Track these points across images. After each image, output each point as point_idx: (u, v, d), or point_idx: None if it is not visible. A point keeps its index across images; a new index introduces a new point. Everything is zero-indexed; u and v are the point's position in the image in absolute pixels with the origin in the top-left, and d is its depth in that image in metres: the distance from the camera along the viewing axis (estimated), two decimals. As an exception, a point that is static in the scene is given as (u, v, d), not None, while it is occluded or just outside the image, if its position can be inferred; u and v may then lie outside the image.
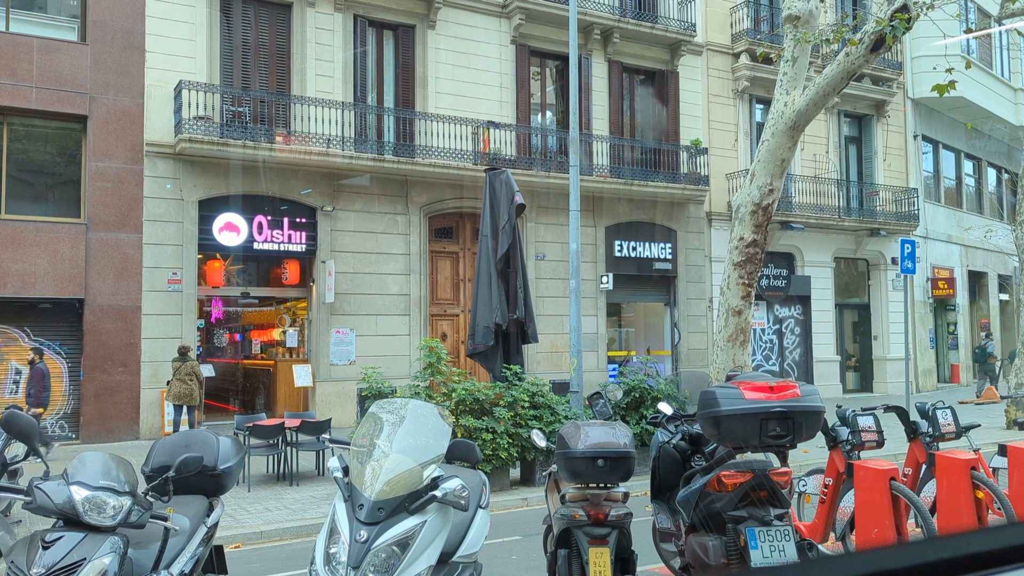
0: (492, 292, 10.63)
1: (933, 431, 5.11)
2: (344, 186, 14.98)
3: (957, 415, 5.18)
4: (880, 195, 21.93)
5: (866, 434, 5.05)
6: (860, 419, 5.10)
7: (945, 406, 5.19)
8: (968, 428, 5.90)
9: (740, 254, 10.81)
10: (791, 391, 3.63)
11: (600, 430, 3.83)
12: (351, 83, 15.28)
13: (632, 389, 9.94)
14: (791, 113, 10.30)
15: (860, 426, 4.90)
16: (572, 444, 3.77)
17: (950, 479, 4.67)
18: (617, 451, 3.71)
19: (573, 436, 3.81)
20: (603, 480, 3.75)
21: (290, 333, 15.08)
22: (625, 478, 3.81)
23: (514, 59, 17.07)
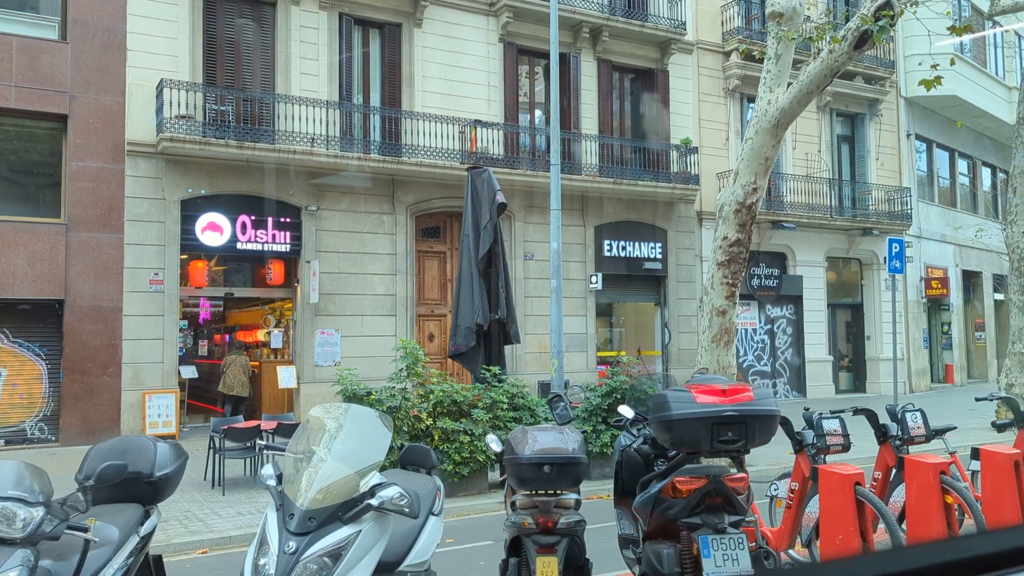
0: (473, 292, 10.52)
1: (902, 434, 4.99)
2: (329, 186, 14.86)
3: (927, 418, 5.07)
4: (873, 194, 21.82)
5: (831, 438, 4.88)
6: (825, 422, 4.96)
7: (915, 408, 5.08)
8: (943, 431, 5.78)
9: (724, 253, 10.70)
10: (744, 394, 3.51)
11: (548, 435, 3.71)
12: (336, 82, 15.16)
13: (614, 390, 9.82)
14: (775, 111, 10.19)
15: (825, 429, 4.77)
16: (519, 450, 3.65)
17: (919, 484, 4.56)
18: (565, 457, 3.58)
19: (520, 441, 3.69)
20: (550, 487, 3.63)
21: (275, 334, 14.96)
22: (574, 484, 3.69)
23: (502, 58, 16.95)
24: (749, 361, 20.08)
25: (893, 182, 22.65)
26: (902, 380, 22.28)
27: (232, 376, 13.80)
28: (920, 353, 23.11)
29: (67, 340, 12.53)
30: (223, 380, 13.91)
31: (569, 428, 3.98)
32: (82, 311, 12.65)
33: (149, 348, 13.07)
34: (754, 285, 19.99)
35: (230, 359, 14.01)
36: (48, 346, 12.59)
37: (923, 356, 23.36)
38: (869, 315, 22.30)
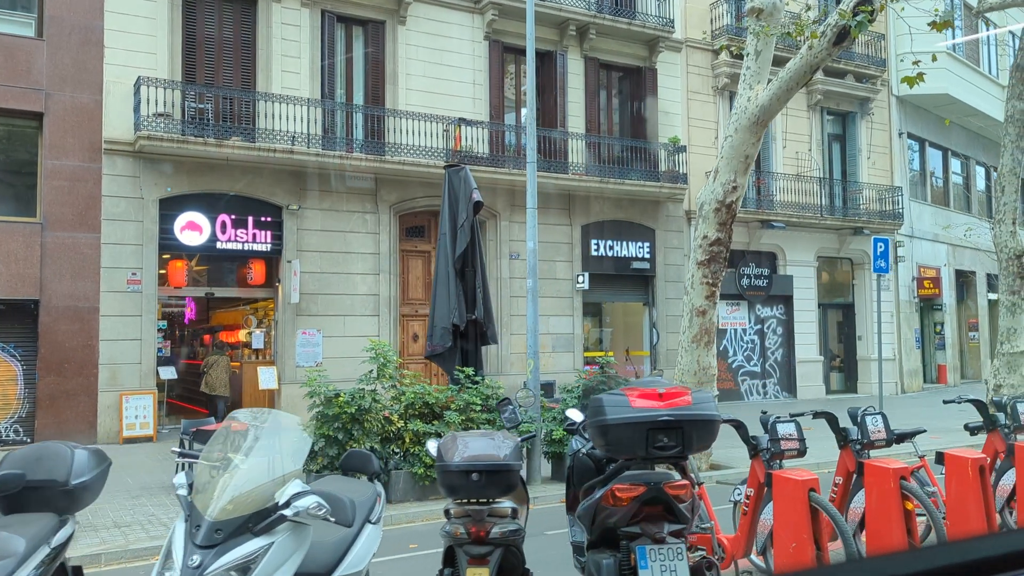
0: (450, 292, 10.38)
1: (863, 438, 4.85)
2: (311, 184, 14.71)
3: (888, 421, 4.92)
4: (864, 193, 21.68)
5: (786, 442, 4.71)
6: (780, 426, 4.79)
7: (876, 412, 4.93)
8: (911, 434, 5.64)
9: (704, 253, 10.56)
10: (682, 398, 3.37)
11: (479, 441, 3.56)
12: (319, 80, 15.02)
13: (589, 391, 9.67)
14: (754, 108, 10.04)
15: (780, 433, 4.62)
16: (448, 457, 3.50)
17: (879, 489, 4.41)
18: (494, 464, 3.43)
19: (450, 448, 3.54)
20: (479, 495, 3.48)
21: (256, 334, 14.81)
22: (505, 492, 3.54)
23: (487, 55, 16.80)
24: (739, 362, 19.94)
25: (885, 181, 22.51)
26: (894, 381, 22.15)
27: (215, 376, 13.68)
28: (912, 353, 22.97)
29: (43, 341, 12.39)
30: (205, 380, 13.79)
31: (504, 434, 3.83)
32: (58, 311, 12.50)
33: (126, 349, 12.93)
34: (744, 285, 19.85)
35: (212, 359, 13.90)
36: (23, 347, 12.44)
37: (915, 356, 23.21)
38: (861, 315, 22.15)
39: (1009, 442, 5.46)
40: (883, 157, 22.69)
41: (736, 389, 19.78)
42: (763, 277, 20.11)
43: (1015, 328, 13.91)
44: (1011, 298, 13.96)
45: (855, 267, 22.25)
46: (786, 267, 20.56)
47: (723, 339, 19.74)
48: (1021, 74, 13.86)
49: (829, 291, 22.20)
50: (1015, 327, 13.92)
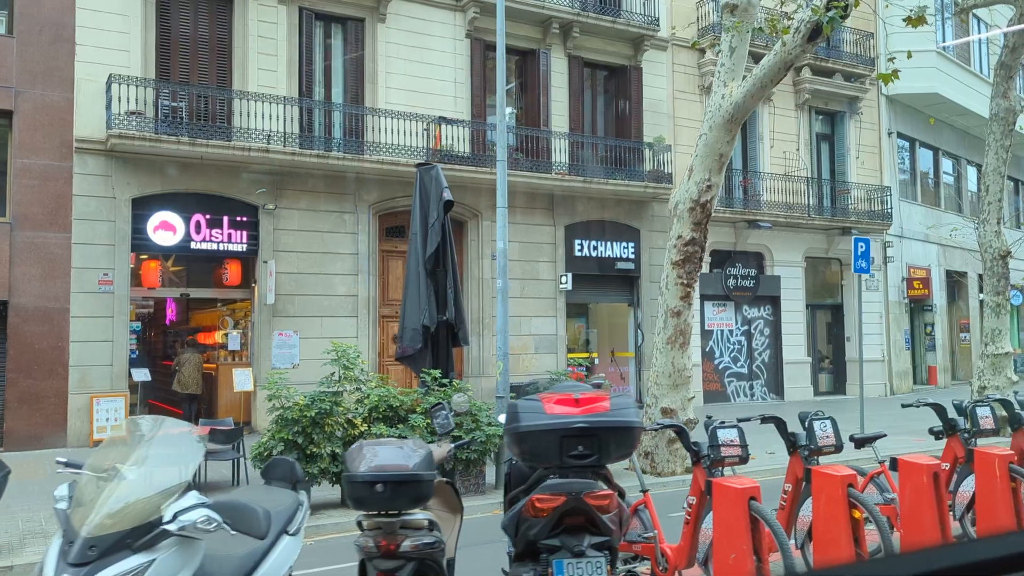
0: (420, 293, 10.21)
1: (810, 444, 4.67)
2: (288, 184, 14.53)
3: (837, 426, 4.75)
4: (852, 193, 21.51)
5: (727, 448, 4.50)
6: (721, 432, 4.59)
7: (824, 416, 4.75)
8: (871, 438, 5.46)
9: (679, 253, 10.40)
10: (599, 404, 3.19)
11: (387, 450, 3.37)
12: (296, 78, 14.84)
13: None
14: (728, 105, 9.88)
15: (720, 439, 4.44)
16: (353, 467, 3.31)
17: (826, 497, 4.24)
18: (400, 475, 3.25)
19: (356, 457, 3.35)
20: (385, 507, 3.29)
21: (232, 336, 14.63)
22: (415, 504, 3.35)
23: (468, 54, 16.63)
24: (725, 363, 19.77)
25: (874, 181, 22.35)
26: (883, 382, 22.00)
27: (187, 375, 13.57)
28: (902, 354, 22.80)
29: (11, 342, 12.20)
30: (177, 379, 13.66)
31: (415, 442, 3.65)
32: (27, 312, 12.32)
33: (98, 350, 12.74)
34: (730, 286, 19.68)
35: (184, 358, 13.78)
36: (-9, 348, 12.26)
37: (905, 357, 23.04)
38: (849, 316, 21.97)
39: (968, 447, 5.29)
40: (872, 157, 22.53)
41: (722, 391, 19.62)
42: (750, 278, 19.94)
43: (1000, 329, 13.77)
44: (996, 299, 13.82)
45: (844, 268, 22.06)
46: (773, 267, 20.39)
47: (709, 340, 19.58)
48: (1006, 72, 13.71)
49: (817, 292, 22.03)
50: (1000, 328, 13.78)
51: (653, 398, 10.51)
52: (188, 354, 13.86)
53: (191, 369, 13.55)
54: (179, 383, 13.57)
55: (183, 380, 13.54)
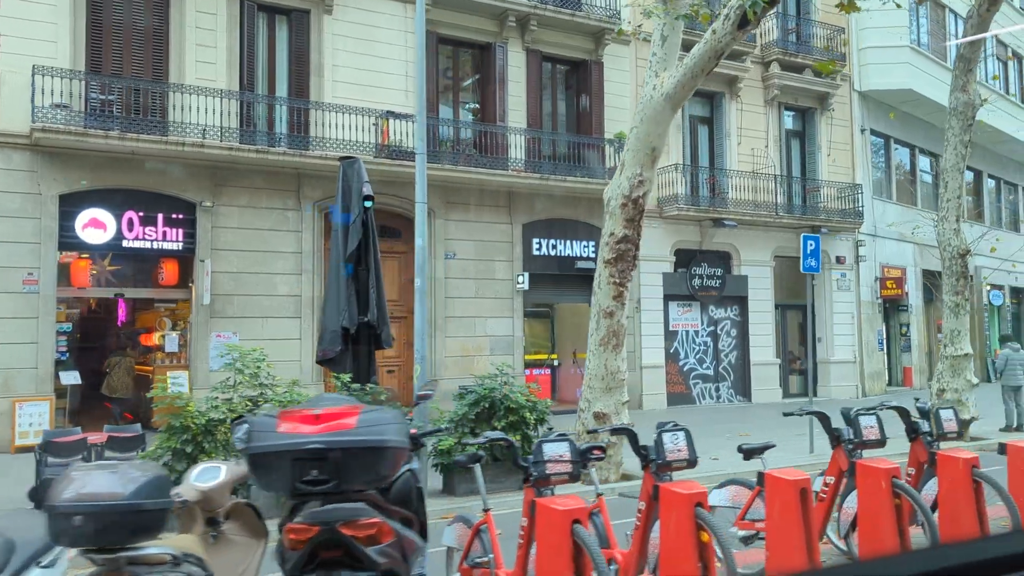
0: (340, 293, 9.77)
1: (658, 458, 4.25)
2: (227, 180, 14.08)
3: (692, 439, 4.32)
4: (823, 191, 21.09)
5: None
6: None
7: (677, 428, 4.30)
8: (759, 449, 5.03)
9: (611, 251, 9.97)
10: (342, 421, 2.75)
11: (100, 475, 2.88)
12: (237, 70, 14.38)
13: (482, 398, 9.06)
14: (659, 97, 9.45)
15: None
16: (53, 495, 2.84)
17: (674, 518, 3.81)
18: (108, 504, 2.78)
19: (60, 483, 2.87)
20: (91, 543, 2.82)
21: (170, 337, 14.16)
22: (137, 538, 2.88)
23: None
24: (690, 364, 19.34)
25: (847, 179, 21.92)
26: (854, 384, 21.58)
27: (116, 378, 13.13)
28: (875, 355, 22.37)
29: (-72, 344, 11.74)
30: (107, 382, 13.20)
31: (142, 464, 3.20)
32: (-55, 313, 11.85)
33: (21, 353, 12.28)
34: (695, 285, 19.25)
35: (114, 360, 13.33)
36: (-93, 350, 11.79)
37: (878, 358, 22.62)
38: (820, 316, 21.54)
39: (852, 460, 4.87)
40: (844, 154, 22.11)
41: (687, 393, 19.19)
42: (716, 277, 19.50)
43: (959, 330, 13.34)
44: (955, 299, 13.40)
45: (815, 267, 21.61)
46: (740, 267, 19.96)
47: (674, 341, 19.15)
48: (964, 65, 13.29)
49: (788, 292, 21.59)
50: (959, 329, 13.34)
51: (586, 402, 10.07)
52: (118, 357, 13.41)
53: (121, 372, 13.11)
54: (108, 387, 13.13)
55: (112, 384, 13.10)
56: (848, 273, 21.76)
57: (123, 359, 13.40)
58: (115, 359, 13.37)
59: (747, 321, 19.96)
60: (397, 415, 3.09)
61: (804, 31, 21.44)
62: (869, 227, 22.18)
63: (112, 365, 13.25)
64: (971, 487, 4.73)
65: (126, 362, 13.39)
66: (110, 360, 13.41)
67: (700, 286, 19.31)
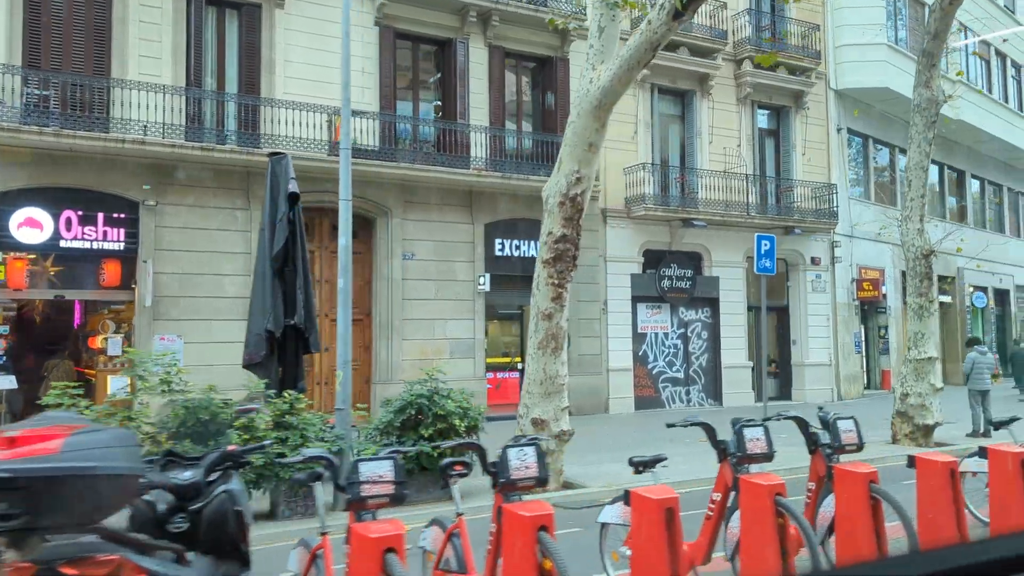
0: (265, 295, 9.39)
1: (503, 478, 3.88)
2: (173, 178, 13.69)
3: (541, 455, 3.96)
4: (797, 191, 20.72)
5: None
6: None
7: (528, 443, 3.93)
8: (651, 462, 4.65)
9: (549, 250, 9.60)
10: (43, 445, 2.36)
11: None
12: (183, 66, 13.99)
13: (408, 405, 8.67)
14: (596, 90, 9.08)
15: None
16: None
17: (515, 540, 3.44)
18: None
19: None
20: None
21: (112, 340, 13.76)
22: None
23: (377, 42, 15.80)
24: (660, 367, 18.96)
25: (823, 179, 21.56)
26: (830, 387, 21.21)
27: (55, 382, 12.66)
28: (851, 358, 22.00)
29: None
30: (44, 386, 12.75)
31: None
32: None
33: (-49, 356, 11.89)
34: (664, 287, 18.87)
35: (52, 364, 12.91)
36: None
37: (855, 361, 22.25)
38: (795, 318, 21.19)
39: (736, 475, 4.49)
40: (820, 153, 21.75)
41: (656, 396, 18.81)
42: (686, 278, 19.12)
43: (923, 333, 12.98)
44: (918, 300, 13.04)
45: (789, 268, 21.28)
46: (712, 268, 19.59)
47: (643, 343, 18.77)
48: (928, 60, 12.93)
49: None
50: (923, 331, 12.99)
51: (524, 408, 9.70)
52: (56, 360, 13.01)
53: (59, 376, 12.67)
54: (45, 391, 12.68)
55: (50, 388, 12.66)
56: (823, 274, 21.40)
57: (61, 362, 13.00)
58: (53, 362, 12.97)
59: (719, 323, 19.58)
60: (122, 436, 2.69)
61: (779, 28, 21.08)
62: (846, 228, 21.82)
63: (50, 368, 12.85)
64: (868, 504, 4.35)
65: (64, 365, 12.99)
66: (48, 364, 13.01)
67: (670, 287, 18.93)
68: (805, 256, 21.03)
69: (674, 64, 18.84)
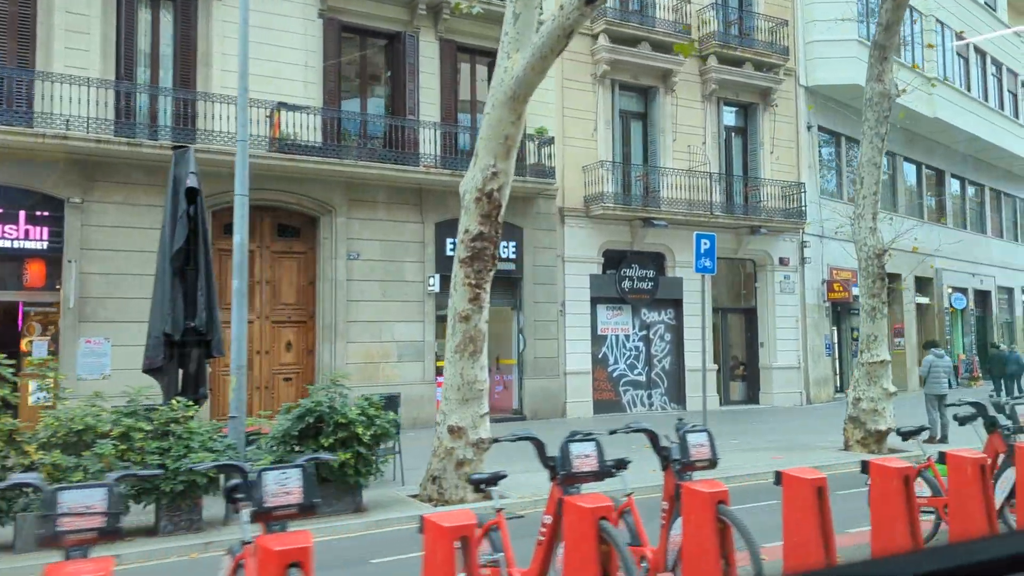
0: (164, 296, 8.92)
1: None
2: (101, 175, 13.20)
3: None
4: (764, 190, 20.25)
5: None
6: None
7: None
8: (490, 479, 4.18)
9: (466, 249, 9.12)
10: None
11: None
12: (113, 59, 13.51)
13: (307, 413, 8.18)
14: (510, 80, 8.61)
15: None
16: None
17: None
18: None
19: None
20: None
21: (37, 343, 13.26)
22: None
23: (321, 35, 15.32)
24: (620, 370, 18.48)
25: (792, 177, 21.09)
26: (798, 391, 20.74)
27: None
28: (821, 361, 21.53)
29: None
30: None
31: None
32: None
33: None
34: (625, 288, 18.39)
35: None
36: None
37: (824, 364, 21.78)
38: (763, 320, 20.72)
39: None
40: (789, 152, 21.28)
41: (617, 400, 18.33)
42: (648, 279, 18.65)
43: (875, 335, 12.51)
44: (871, 301, 12.57)
45: (757, 269, 20.82)
46: (675, 269, 19.11)
47: (603, 346, 18.30)
48: (879, 52, 12.45)
49: (730, 294, 20.77)
50: (876, 334, 12.52)
51: (442, 415, 9.21)
52: None
53: None
54: None
55: None
56: (792, 275, 20.94)
57: None
58: None
59: (682, 325, 19.10)
60: None
61: (746, 24, 20.63)
62: (816, 227, 21.36)
63: None
64: (714, 528, 3.88)
65: None
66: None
67: (631, 288, 18.46)
68: (773, 256, 20.57)
69: (636, 60, 18.38)
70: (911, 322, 26.00)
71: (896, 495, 5.23)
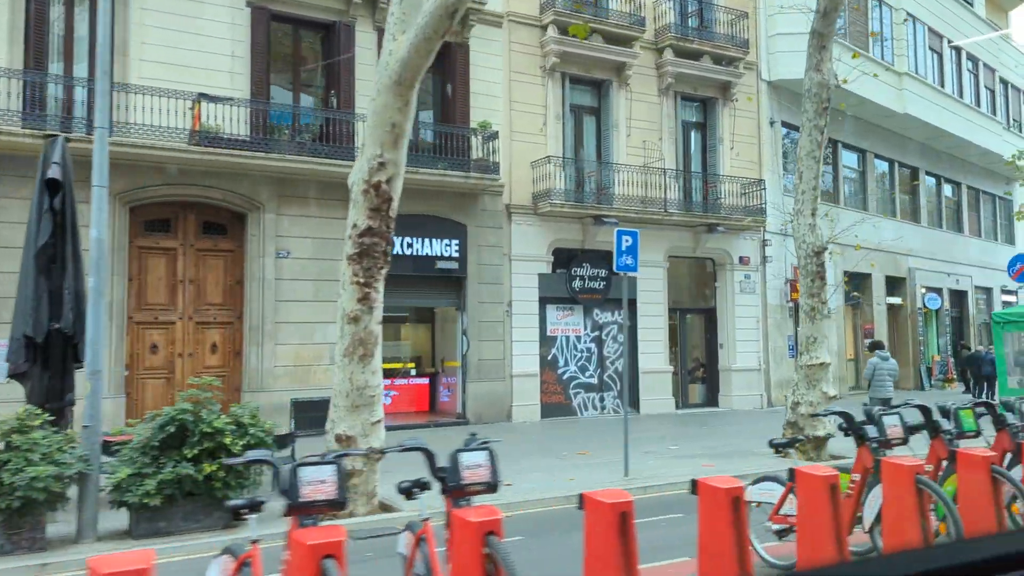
0: (27, 296, 8.31)
1: None
2: (7, 169, 12.59)
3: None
4: (723, 187, 19.68)
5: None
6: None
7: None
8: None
9: (354, 245, 8.55)
10: None
11: None
12: (21, 47, 12.90)
13: (170, 421, 7.57)
14: (395, 63, 8.03)
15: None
16: None
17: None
18: None
19: None
20: None
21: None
22: None
23: (249, 24, 14.71)
24: (571, 372, 17.89)
25: (754, 174, 20.53)
26: (759, 393, 20.19)
27: None
28: (784, 363, 20.95)
29: None
30: None
31: None
32: None
33: None
34: (575, 287, 17.81)
35: None
36: None
37: (787, 366, 21.17)
38: (722, 321, 20.16)
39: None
40: (750, 148, 20.72)
41: (567, 404, 17.74)
42: (600, 279, 18.06)
43: (815, 337, 11.95)
44: (810, 301, 12.01)
45: (716, 268, 20.26)
46: (629, 268, 18.49)
47: (552, 347, 17.72)
48: (817, 41, 11.90)
49: (688, 295, 20.21)
50: (815, 335, 11.96)
51: (331, 423, 8.62)
52: None
53: None
54: None
55: None
56: (753, 274, 20.38)
57: None
58: None
59: (636, 326, 18.51)
60: None
61: (705, 15, 20.07)
62: (778, 226, 20.79)
63: None
64: (480, 561, 3.32)
65: None
66: None
67: (582, 288, 17.88)
68: (733, 255, 20.01)
69: (587, 52, 17.80)
70: (882, 323, 25.46)
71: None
